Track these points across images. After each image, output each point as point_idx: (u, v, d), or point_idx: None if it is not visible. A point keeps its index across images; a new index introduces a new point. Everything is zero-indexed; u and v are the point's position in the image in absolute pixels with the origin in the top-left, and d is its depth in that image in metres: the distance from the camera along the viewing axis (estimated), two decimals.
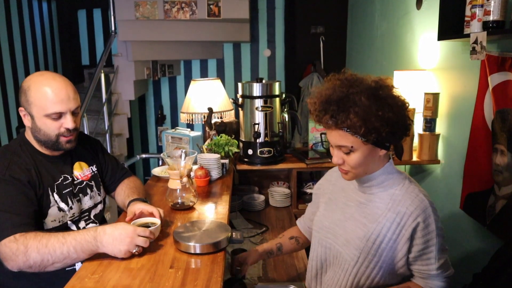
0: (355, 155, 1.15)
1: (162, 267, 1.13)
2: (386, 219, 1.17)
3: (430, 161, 2.21)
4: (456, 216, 2.07)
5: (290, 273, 1.77)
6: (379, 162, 1.19)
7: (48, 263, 1.15)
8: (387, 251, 1.17)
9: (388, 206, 1.18)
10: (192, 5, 3.83)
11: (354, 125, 1.08)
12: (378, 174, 1.20)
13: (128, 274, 1.09)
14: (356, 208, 1.24)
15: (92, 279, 1.07)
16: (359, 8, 3.72)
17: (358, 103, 1.08)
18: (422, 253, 1.16)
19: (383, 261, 1.17)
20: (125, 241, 1.14)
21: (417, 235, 1.14)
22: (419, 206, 1.14)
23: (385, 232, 1.16)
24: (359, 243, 1.19)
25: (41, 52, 4.38)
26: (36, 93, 1.31)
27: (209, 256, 1.19)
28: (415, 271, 1.20)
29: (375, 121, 1.08)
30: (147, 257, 1.19)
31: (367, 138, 1.10)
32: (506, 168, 1.66)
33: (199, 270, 1.11)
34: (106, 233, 1.15)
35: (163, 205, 1.62)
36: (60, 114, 1.34)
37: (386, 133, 1.10)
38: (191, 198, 1.58)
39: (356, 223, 1.22)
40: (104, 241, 1.15)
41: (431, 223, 1.14)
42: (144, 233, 1.18)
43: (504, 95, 1.64)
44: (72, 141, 1.41)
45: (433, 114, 2.14)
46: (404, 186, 1.19)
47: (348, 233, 1.23)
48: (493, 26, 1.57)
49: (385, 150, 1.16)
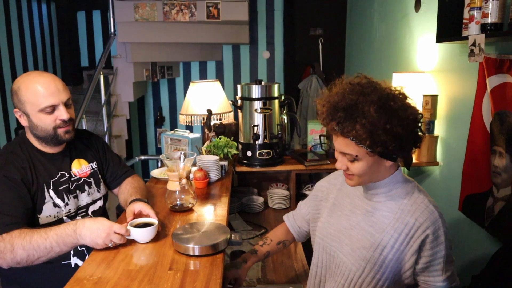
0: (359, 164, 1.12)
1: (161, 269, 1.13)
2: (394, 230, 1.13)
3: (429, 163, 2.21)
4: (454, 218, 2.07)
5: (289, 275, 1.77)
6: (386, 171, 1.16)
7: (34, 257, 1.22)
8: (394, 262, 1.13)
9: (396, 216, 1.14)
10: (192, 7, 3.83)
11: (359, 136, 1.05)
12: (386, 183, 1.17)
13: (127, 275, 1.09)
14: (363, 216, 1.20)
15: (91, 280, 1.07)
16: (358, 10, 3.73)
17: (366, 114, 1.04)
18: (429, 264, 1.13)
19: (389, 272, 1.14)
20: (101, 235, 1.21)
21: (426, 247, 1.11)
22: (429, 218, 1.11)
23: (392, 243, 1.13)
24: (366, 253, 1.15)
25: (40, 54, 4.38)
26: (27, 91, 1.35)
27: (208, 258, 1.19)
28: (421, 282, 1.17)
29: (382, 134, 1.04)
30: (146, 258, 1.19)
31: (373, 149, 1.07)
32: (504, 170, 1.66)
33: (198, 272, 1.11)
34: (85, 226, 1.22)
35: (162, 206, 1.62)
36: (53, 107, 1.37)
37: (393, 147, 1.07)
38: (190, 200, 1.58)
39: (362, 232, 1.18)
40: (83, 234, 1.21)
41: (440, 235, 1.11)
42: (120, 230, 1.23)
43: (502, 97, 1.65)
44: (70, 131, 1.44)
45: (432, 116, 2.15)
46: (414, 196, 1.16)
47: (354, 242, 1.19)
48: (491, 29, 1.58)
49: (392, 161, 1.13)
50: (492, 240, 1.79)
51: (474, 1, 1.65)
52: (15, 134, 3.73)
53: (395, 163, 1.15)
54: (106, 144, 1.71)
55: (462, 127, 1.97)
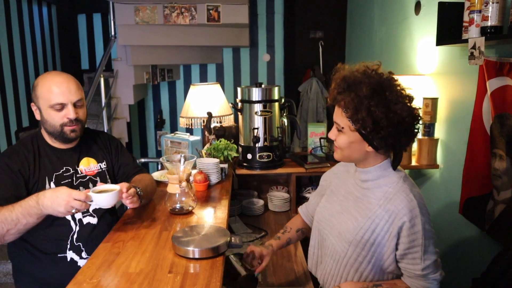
0: (343, 136, 1.22)
1: (161, 272, 1.13)
2: (376, 216, 1.21)
3: (429, 166, 2.21)
4: (455, 221, 2.07)
5: (289, 277, 1.77)
6: (372, 158, 1.24)
7: (3, 230, 1.32)
8: (375, 247, 1.21)
9: (379, 203, 1.22)
10: (192, 10, 3.84)
11: (346, 106, 1.17)
12: (374, 170, 1.24)
13: (126, 278, 1.09)
14: (353, 202, 1.29)
15: (91, 283, 1.07)
16: (358, 13, 3.74)
17: (360, 91, 1.15)
18: (407, 252, 1.18)
19: (372, 256, 1.21)
20: (61, 203, 1.26)
21: (403, 233, 1.17)
22: (407, 206, 1.17)
23: (373, 228, 1.20)
24: (349, 236, 1.24)
25: (41, 57, 4.39)
26: (42, 88, 1.47)
27: (208, 261, 1.19)
28: (402, 269, 1.23)
29: (364, 112, 1.14)
30: (146, 261, 1.19)
31: (354, 123, 1.17)
32: (505, 173, 1.66)
33: (198, 275, 1.11)
34: (46, 197, 1.28)
35: (162, 209, 1.61)
36: (62, 105, 1.47)
37: (370, 130, 1.15)
38: (190, 203, 1.58)
39: (349, 217, 1.27)
40: (45, 204, 1.28)
41: (417, 223, 1.16)
42: (79, 196, 1.27)
43: (502, 100, 1.65)
44: (76, 131, 1.52)
45: (432, 119, 2.15)
46: (398, 185, 1.21)
47: (341, 225, 1.28)
48: (491, 32, 1.58)
49: (373, 148, 1.19)
50: (492, 243, 1.79)
51: (474, 4, 1.65)
52: (15, 137, 3.73)
53: (384, 154, 1.24)
54: (121, 145, 1.78)
55: (462, 130, 1.98)
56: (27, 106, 4.00)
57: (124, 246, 1.29)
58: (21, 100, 3.91)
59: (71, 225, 1.52)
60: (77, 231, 1.53)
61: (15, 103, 3.80)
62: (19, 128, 3.84)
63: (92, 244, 1.49)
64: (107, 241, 1.34)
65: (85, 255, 1.52)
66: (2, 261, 2.70)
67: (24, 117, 3.98)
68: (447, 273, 2.17)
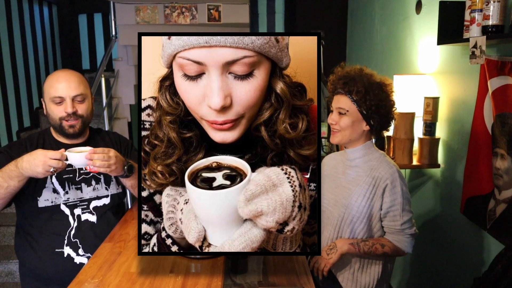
0: (346, 118, 1.47)
1: (162, 272, 1.13)
2: (365, 182, 1.49)
3: (430, 165, 2.20)
4: (456, 220, 2.06)
5: (290, 277, 1.77)
6: (362, 137, 1.51)
7: None
8: (366, 208, 1.48)
9: (367, 173, 1.50)
10: (193, 10, 3.84)
11: (358, 93, 1.43)
12: (361, 148, 1.52)
13: (128, 278, 1.09)
14: (344, 178, 1.57)
15: (92, 283, 1.07)
16: (359, 12, 3.74)
17: (364, 82, 1.44)
18: (389, 210, 1.46)
19: (363, 216, 1.48)
20: (39, 164, 1.31)
21: (386, 194, 1.46)
22: (388, 171, 1.47)
23: (364, 192, 1.48)
24: (344, 201, 1.51)
25: (42, 56, 4.39)
26: (46, 82, 1.54)
27: (209, 261, 1.19)
28: (385, 227, 1.50)
29: (369, 99, 1.43)
30: (147, 261, 1.19)
31: (360, 107, 1.44)
32: (506, 172, 1.66)
33: (199, 275, 1.11)
34: (24, 160, 1.34)
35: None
36: (61, 99, 1.51)
37: (372, 111, 1.44)
38: None
39: (343, 188, 1.55)
40: (24, 166, 1.33)
41: (397, 185, 1.45)
42: (55, 155, 1.32)
43: (503, 99, 1.65)
44: (74, 126, 1.54)
45: (433, 118, 2.14)
46: (381, 159, 1.52)
47: (337, 196, 1.55)
48: (493, 31, 1.58)
49: (369, 126, 1.47)
50: (494, 242, 1.78)
51: (475, 3, 1.65)
52: (16, 137, 3.73)
53: (368, 136, 1.52)
54: (131, 147, 1.79)
55: (463, 129, 1.97)
56: (28, 106, 4.00)
57: (126, 246, 1.30)
58: (22, 100, 3.91)
59: (69, 220, 1.53)
60: (75, 227, 1.54)
61: (16, 103, 3.80)
62: (20, 128, 3.84)
63: (90, 242, 1.51)
64: (108, 240, 1.34)
65: (82, 252, 1.53)
66: (2, 261, 2.70)
67: (25, 117, 3.98)
68: (448, 273, 2.17)
